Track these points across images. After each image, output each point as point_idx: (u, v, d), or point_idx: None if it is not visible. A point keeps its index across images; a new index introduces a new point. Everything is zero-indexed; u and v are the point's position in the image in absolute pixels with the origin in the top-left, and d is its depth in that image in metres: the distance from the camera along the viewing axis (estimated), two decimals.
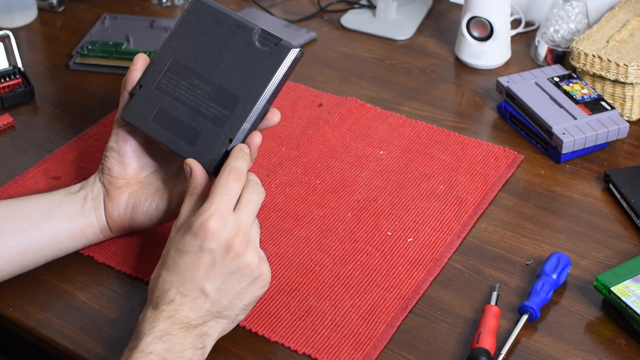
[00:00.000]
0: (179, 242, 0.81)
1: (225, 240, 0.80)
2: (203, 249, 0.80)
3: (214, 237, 0.79)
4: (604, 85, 1.16)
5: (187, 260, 0.80)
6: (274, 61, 0.88)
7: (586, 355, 0.86)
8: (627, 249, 0.98)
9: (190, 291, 0.80)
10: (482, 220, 1.02)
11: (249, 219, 0.82)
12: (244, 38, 0.89)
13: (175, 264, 0.81)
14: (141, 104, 0.90)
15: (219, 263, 0.80)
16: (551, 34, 1.27)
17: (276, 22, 1.40)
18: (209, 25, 0.90)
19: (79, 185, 0.95)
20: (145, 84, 0.91)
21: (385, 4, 1.39)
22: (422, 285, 0.93)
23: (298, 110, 1.19)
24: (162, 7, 1.46)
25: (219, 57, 0.89)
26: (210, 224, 0.79)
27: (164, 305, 0.79)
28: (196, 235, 0.80)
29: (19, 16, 1.40)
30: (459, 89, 1.27)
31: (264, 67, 0.87)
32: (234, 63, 0.89)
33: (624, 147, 1.13)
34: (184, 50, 0.90)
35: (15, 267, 0.91)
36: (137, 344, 0.77)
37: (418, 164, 1.09)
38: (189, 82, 0.89)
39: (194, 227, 0.80)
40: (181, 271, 0.80)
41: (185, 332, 0.79)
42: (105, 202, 0.93)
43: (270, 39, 0.89)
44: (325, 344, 0.86)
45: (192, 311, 0.80)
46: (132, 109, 0.91)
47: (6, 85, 1.21)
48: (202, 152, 0.87)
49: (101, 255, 0.96)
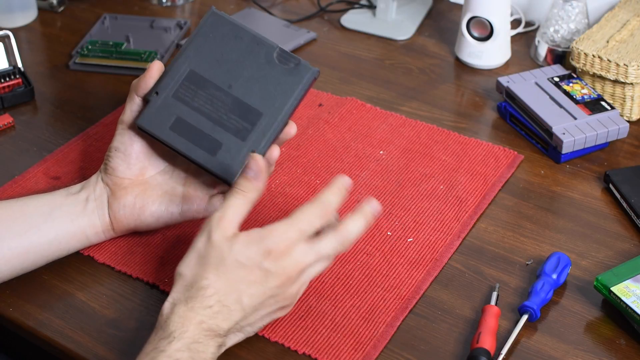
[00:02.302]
0: (241, 252, 0.80)
1: (284, 268, 0.80)
2: (261, 267, 0.80)
3: (278, 261, 0.80)
4: (604, 85, 1.16)
5: (243, 274, 0.80)
6: (295, 79, 0.91)
7: (586, 355, 0.86)
8: (627, 249, 0.98)
9: (231, 303, 0.80)
10: (482, 220, 1.02)
11: (312, 260, 0.81)
12: (264, 55, 0.91)
13: (228, 273, 0.80)
14: (158, 111, 0.90)
15: (266, 284, 0.80)
16: (551, 34, 1.27)
17: (276, 22, 1.40)
18: (227, 39, 0.91)
19: (80, 185, 0.95)
20: (161, 91, 0.90)
21: (385, 4, 1.39)
22: (422, 285, 0.93)
23: (298, 110, 1.19)
24: (162, 7, 1.46)
25: (238, 71, 0.90)
26: (282, 248, 0.79)
27: (200, 308, 0.79)
28: (261, 252, 0.79)
29: (19, 16, 1.40)
30: (459, 89, 1.27)
31: (286, 84, 0.90)
32: (254, 78, 0.90)
33: (624, 147, 1.13)
34: (202, 61, 0.91)
35: (15, 269, 0.91)
36: (166, 345, 0.76)
37: (418, 164, 1.09)
38: (208, 93, 0.90)
39: (265, 243, 0.80)
40: (232, 282, 0.80)
41: (210, 340, 0.78)
42: (111, 203, 0.93)
43: (290, 58, 0.91)
44: (325, 344, 0.86)
45: (225, 321, 0.80)
46: (148, 116, 0.90)
47: (6, 85, 1.21)
48: (224, 163, 0.88)
49: (101, 255, 0.96)
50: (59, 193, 0.94)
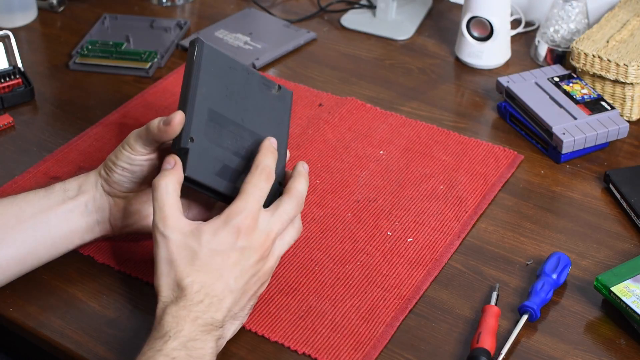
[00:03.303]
0: (212, 241, 0.81)
1: (257, 240, 0.82)
2: (236, 247, 0.81)
3: (249, 236, 0.81)
4: (604, 85, 1.16)
5: (221, 261, 0.81)
6: (283, 104, 0.94)
7: (586, 355, 0.86)
8: (627, 249, 0.98)
9: (219, 292, 0.80)
10: (482, 220, 1.02)
11: (279, 227, 0.83)
12: (256, 83, 0.92)
13: (207, 266, 0.80)
14: (200, 159, 0.85)
15: (246, 262, 0.81)
16: (551, 34, 1.27)
17: (276, 22, 1.40)
18: (225, 71, 0.90)
19: (76, 185, 0.92)
20: (196, 136, 0.85)
21: (385, 4, 1.39)
22: (422, 285, 0.93)
23: (298, 110, 1.19)
24: (162, 7, 1.46)
25: (244, 103, 0.90)
26: (245, 223, 0.81)
27: (191, 305, 0.79)
28: (231, 233, 0.81)
29: (19, 16, 1.40)
30: (459, 89, 1.27)
31: (279, 110, 0.93)
32: (256, 108, 0.91)
33: (624, 147, 1.13)
34: (215, 98, 0.88)
35: (13, 275, 0.90)
36: (162, 345, 0.77)
37: (418, 164, 1.09)
38: (229, 131, 0.88)
39: (230, 224, 0.81)
40: (214, 271, 0.80)
41: (207, 335, 0.79)
42: (112, 211, 0.92)
43: (271, 84, 0.93)
44: (325, 344, 0.86)
45: (219, 312, 0.80)
46: (194, 165, 0.84)
47: (6, 85, 1.21)
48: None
49: (101, 255, 0.96)
50: (55, 194, 0.91)
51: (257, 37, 1.35)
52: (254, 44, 1.33)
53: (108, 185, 0.91)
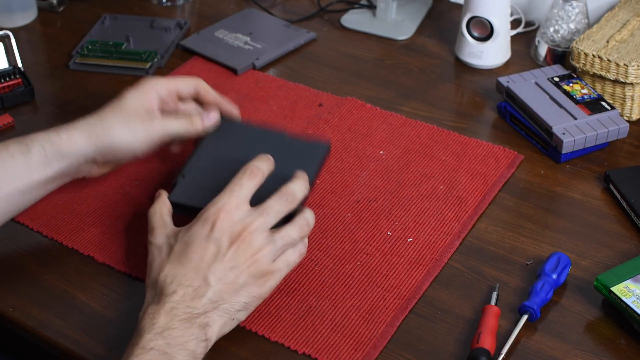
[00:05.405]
0: (185, 235, 0.84)
1: (230, 232, 0.83)
2: (209, 239, 0.82)
3: (218, 223, 0.83)
4: (604, 85, 1.16)
5: (192, 251, 0.82)
6: (317, 152, 0.99)
7: (586, 355, 0.86)
8: (627, 249, 0.98)
9: (193, 281, 0.81)
10: (482, 220, 1.02)
11: (262, 221, 0.84)
12: (289, 141, 1.00)
13: (179, 257, 0.83)
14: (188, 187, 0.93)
15: (222, 255, 0.82)
16: (551, 34, 1.27)
17: (276, 22, 1.40)
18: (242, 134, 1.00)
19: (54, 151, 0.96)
20: (188, 173, 0.94)
21: (385, 4, 1.39)
22: (422, 285, 0.93)
23: (298, 110, 1.19)
24: (162, 7, 1.46)
25: (265, 151, 0.93)
26: (218, 214, 0.83)
27: (165, 298, 0.80)
28: (204, 225, 0.83)
29: (19, 16, 1.40)
30: (459, 89, 1.27)
31: (309, 157, 0.98)
32: (280, 156, 0.93)
33: (624, 147, 1.13)
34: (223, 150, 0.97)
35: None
36: (138, 340, 0.78)
37: (418, 164, 1.09)
38: (231, 171, 0.90)
39: (203, 217, 0.84)
40: (186, 262, 0.82)
41: (186, 324, 0.79)
42: (92, 170, 0.99)
43: (309, 141, 1.01)
44: (325, 344, 0.86)
45: (194, 300, 0.81)
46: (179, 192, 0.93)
47: (6, 85, 1.21)
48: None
49: (101, 255, 0.96)
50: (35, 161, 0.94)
51: (257, 37, 1.35)
52: (254, 44, 1.33)
53: (96, 167, 0.99)
